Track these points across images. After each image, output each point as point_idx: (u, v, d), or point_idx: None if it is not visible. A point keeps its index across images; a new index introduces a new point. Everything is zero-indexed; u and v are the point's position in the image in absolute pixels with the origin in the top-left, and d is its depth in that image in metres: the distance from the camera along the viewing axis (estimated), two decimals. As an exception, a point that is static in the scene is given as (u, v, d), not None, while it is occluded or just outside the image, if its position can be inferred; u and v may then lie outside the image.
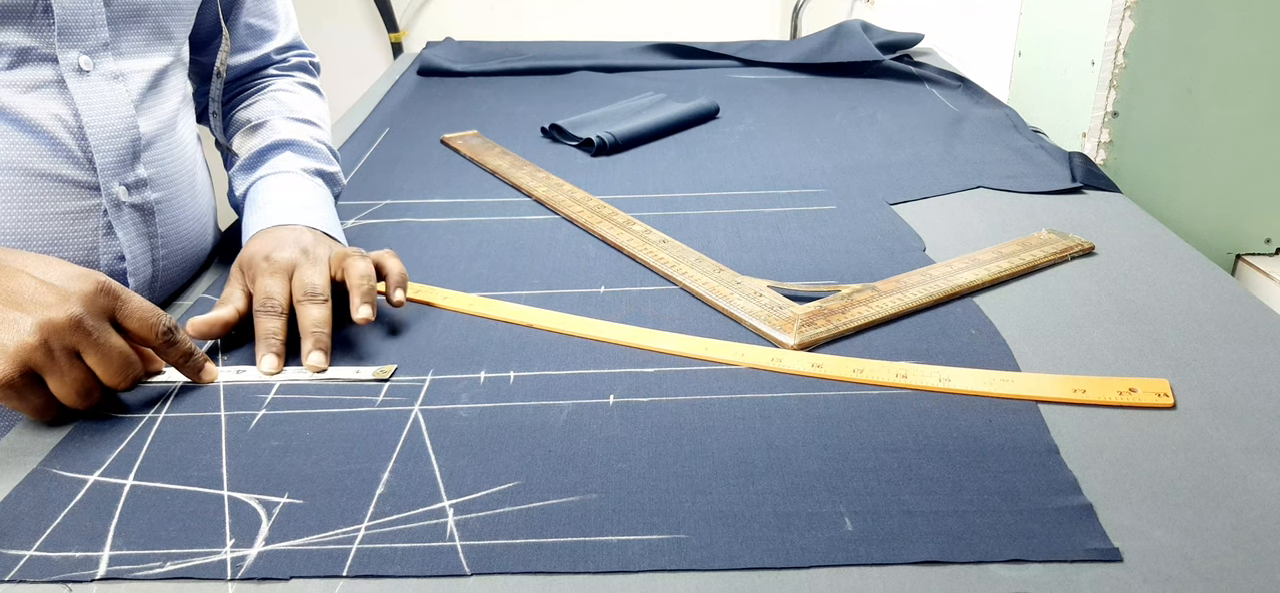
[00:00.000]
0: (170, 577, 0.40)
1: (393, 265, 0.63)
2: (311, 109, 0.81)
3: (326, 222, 0.69)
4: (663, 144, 1.01)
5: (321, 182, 0.74)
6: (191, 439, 0.50)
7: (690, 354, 0.58)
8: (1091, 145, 0.94)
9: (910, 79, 1.24)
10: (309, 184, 0.72)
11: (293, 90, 0.82)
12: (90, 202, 0.62)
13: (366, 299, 0.59)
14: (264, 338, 0.58)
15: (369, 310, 0.59)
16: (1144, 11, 0.88)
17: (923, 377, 0.54)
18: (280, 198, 0.69)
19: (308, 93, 0.84)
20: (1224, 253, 0.95)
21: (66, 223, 0.61)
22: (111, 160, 0.62)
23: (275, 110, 0.78)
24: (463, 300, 0.65)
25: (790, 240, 0.75)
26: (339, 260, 0.62)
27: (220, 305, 0.60)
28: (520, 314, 0.63)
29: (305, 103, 0.81)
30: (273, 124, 0.76)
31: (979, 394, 0.53)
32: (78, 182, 0.61)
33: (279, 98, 0.80)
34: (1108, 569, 0.40)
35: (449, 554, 0.41)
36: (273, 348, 0.57)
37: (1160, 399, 0.52)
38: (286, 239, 0.63)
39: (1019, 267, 0.68)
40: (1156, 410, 0.51)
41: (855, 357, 0.57)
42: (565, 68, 1.33)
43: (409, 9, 2.28)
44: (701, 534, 0.42)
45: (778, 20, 2.25)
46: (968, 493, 0.45)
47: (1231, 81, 0.89)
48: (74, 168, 0.60)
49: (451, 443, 0.49)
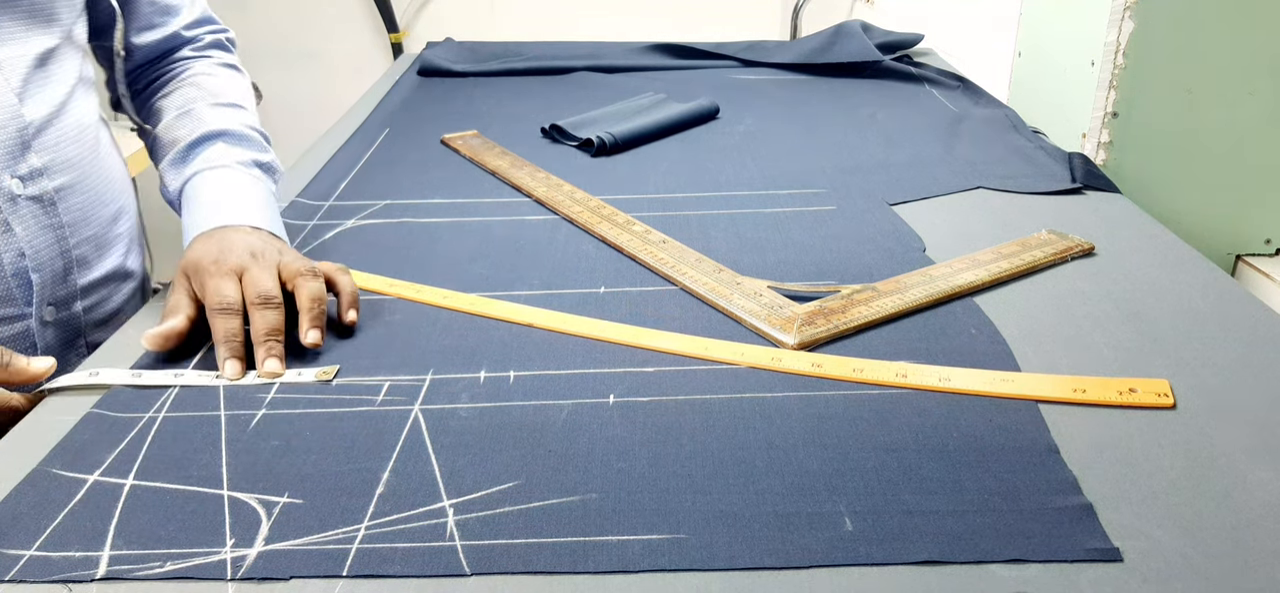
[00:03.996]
0: (170, 577, 0.40)
1: (344, 281, 0.62)
2: (235, 91, 0.78)
3: (269, 220, 0.67)
4: (663, 144, 1.01)
5: (259, 171, 0.72)
6: (191, 439, 0.50)
7: (690, 354, 0.58)
8: (1091, 145, 0.94)
9: (910, 79, 1.24)
10: (246, 179, 0.70)
11: (212, 72, 0.79)
12: None
13: (316, 323, 0.58)
14: (224, 341, 0.56)
15: (317, 336, 0.58)
16: (1144, 11, 0.88)
17: (923, 377, 0.54)
18: (218, 196, 0.67)
19: (228, 73, 0.80)
20: (1224, 253, 0.95)
21: None
22: None
23: (198, 97, 0.75)
24: (463, 300, 0.65)
25: (790, 240, 0.75)
26: (290, 274, 0.60)
27: (168, 315, 0.58)
28: (520, 314, 0.63)
29: (228, 85, 0.78)
30: (198, 112, 0.73)
31: (979, 394, 0.53)
32: None
33: (199, 83, 0.77)
34: (1108, 569, 0.40)
35: (449, 554, 0.41)
36: (234, 352, 0.56)
37: (1160, 399, 0.52)
38: (233, 242, 0.61)
39: (1019, 267, 0.68)
40: (1156, 411, 0.51)
41: (855, 357, 0.57)
42: (565, 68, 1.32)
43: (409, 9, 2.28)
44: (701, 534, 0.42)
45: (778, 20, 2.25)
46: (968, 493, 0.45)
47: (1231, 81, 0.89)
48: None
49: (451, 443, 0.49)
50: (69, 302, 0.67)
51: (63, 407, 0.54)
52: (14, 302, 0.63)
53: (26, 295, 0.63)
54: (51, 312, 0.66)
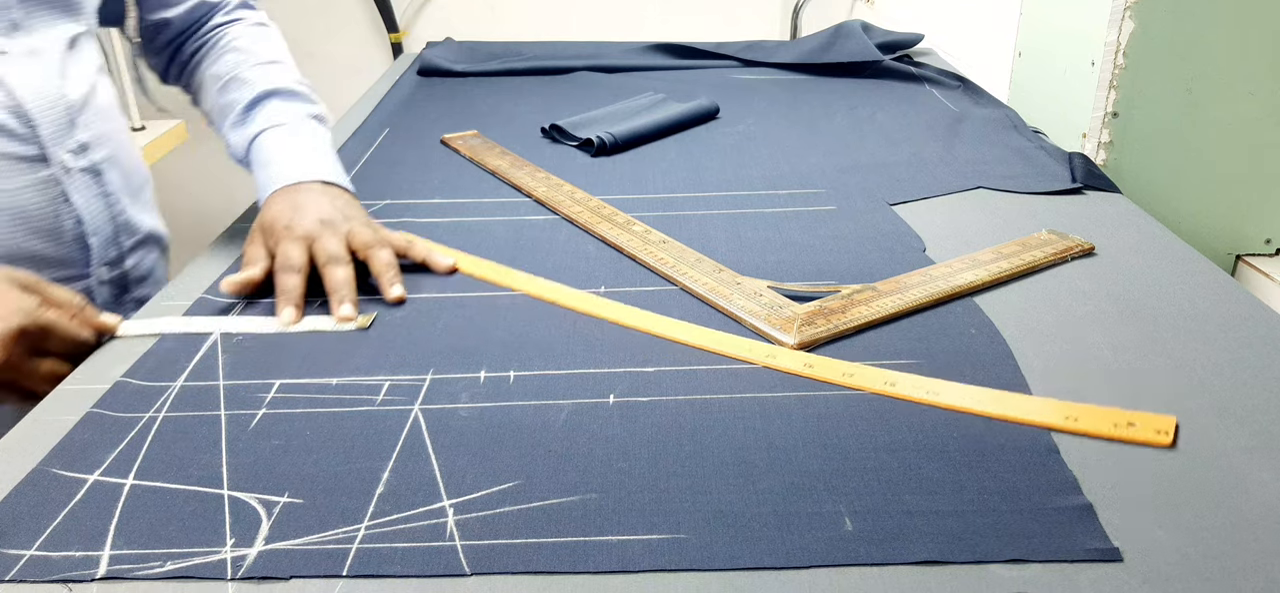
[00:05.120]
0: (170, 577, 0.41)
1: (421, 244, 0.70)
2: (272, 49, 0.84)
3: (335, 172, 0.74)
4: (663, 144, 1.01)
5: (315, 123, 0.79)
6: (191, 439, 0.50)
7: (691, 342, 0.58)
8: (1091, 145, 0.94)
9: (910, 79, 1.24)
10: (306, 133, 0.77)
11: (248, 34, 0.85)
12: (42, 173, 0.67)
13: (396, 280, 0.65)
14: (284, 293, 0.63)
15: (401, 289, 0.65)
16: (1144, 11, 0.88)
17: (910, 388, 0.53)
18: (284, 155, 0.74)
19: (261, 31, 0.87)
20: (1224, 253, 0.95)
21: (25, 196, 0.66)
22: (52, 131, 0.67)
23: (241, 61, 0.81)
24: (477, 265, 0.70)
25: (790, 240, 0.75)
26: (361, 245, 0.67)
27: (247, 267, 0.66)
28: (533, 286, 0.67)
29: (265, 44, 0.85)
30: (244, 74, 0.80)
31: (965, 412, 0.51)
32: (26, 156, 0.66)
33: (239, 46, 0.83)
34: (1108, 569, 0.40)
35: (449, 554, 0.42)
36: (291, 302, 0.63)
37: (1157, 438, 0.48)
38: (306, 207, 0.68)
39: (1019, 267, 0.68)
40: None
41: (856, 357, 0.57)
42: (565, 68, 1.32)
43: (409, 9, 2.28)
44: (701, 534, 0.42)
45: (778, 20, 2.25)
46: (968, 493, 0.45)
47: (1231, 81, 0.89)
48: (20, 144, 0.65)
49: (451, 443, 0.49)
50: (119, 262, 0.76)
51: (63, 407, 0.54)
52: (75, 264, 0.71)
53: (86, 258, 0.72)
54: (105, 272, 0.74)
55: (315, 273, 0.66)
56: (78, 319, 0.60)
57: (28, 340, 0.57)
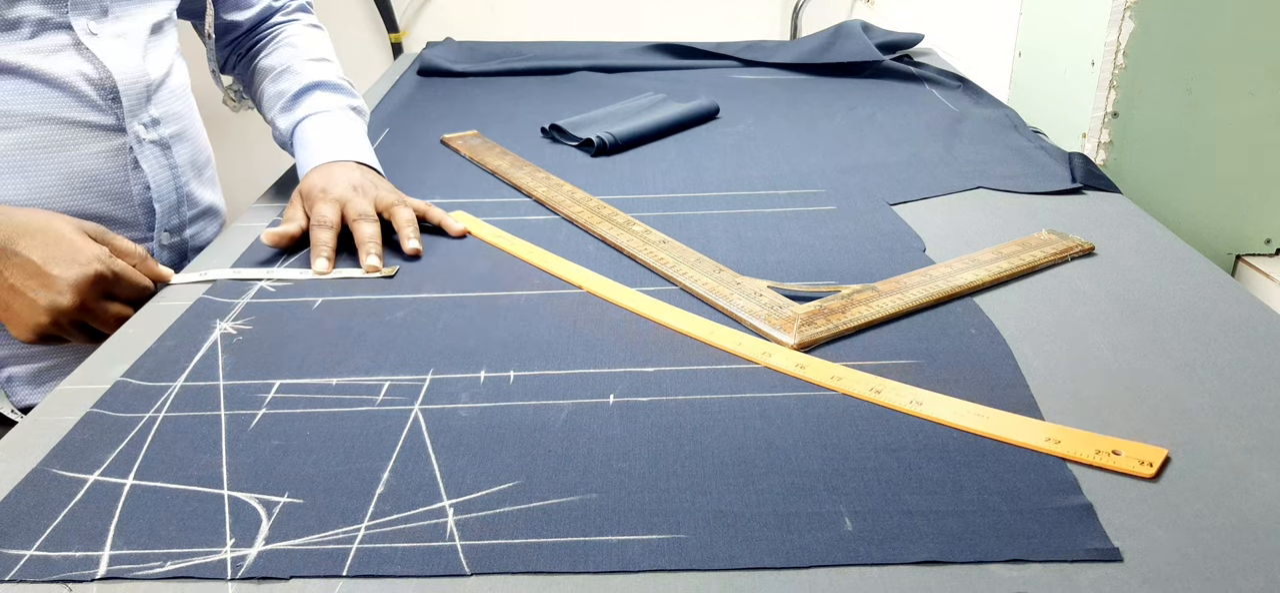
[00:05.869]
0: (170, 577, 0.41)
1: (436, 211, 0.78)
2: (322, 47, 0.94)
3: (367, 154, 0.83)
4: (663, 144, 1.01)
5: (353, 113, 0.88)
6: (191, 439, 0.50)
7: (689, 334, 0.58)
8: (1091, 145, 0.94)
9: (910, 79, 1.24)
10: (345, 120, 0.85)
11: (303, 33, 0.95)
12: (117, 141, 0.75)
13: (413, 236, 0.73)
14: (318, 245, 0.71)
15: (417, 244, 0.73)
16: (1144, 11, 0.88)
17: (895, 397, 0.52)
18: (324, 137, 0.82)
19: (314, 32, 0.97)
20: (1224, 253, 0.95)
21: (99, 161, 0.74)
22: (131, 105, 0.75)
23: (294, 55, 0.91)
24: (491, 232, 0.76)
25: (790, 240, 0.75)
26: (385, 206, 0.75)
27: (286, 223, 0.75)
28: (546, 260, 0.71)
29: (316, 43, 0.95)
30: (296, 67, 0.90)
31: (946, 425, 0.50)
32: (103, 125, 0.74)
33: (294, 42, 0.93)
34: (1108, 569, 0.40)
35: (449, 554, 0.42)
36: (324, 254, 0.71)
37: (1141, 469, 0.46)
38: (339, 176, 0.77)
39: (1019, 267, 0.68)
40: (1155, 411, 0.51)
41: (855, 357, 0.57)
42: (565, 68, 1.32)
43: (409, 9, 2.28)
44: (701, 534, 0.42)
45: (778, 20, 2.25)
46: (967, 493, 0.45)
47: (1231, 81, 0.89)
48: (99, 114, 0.73)
49: (451, 443, 0.49)
50: (180, 229, 0.84)
51: (63, 407, 0.54)
52: (140, 226, 0.79)
53: (150, 222, 0.80)
54: (166, 237, 0.82)
55: (346, 232, 0.73)
56: (141, 268, 0.69)
57: (102, 285, 0.66)
